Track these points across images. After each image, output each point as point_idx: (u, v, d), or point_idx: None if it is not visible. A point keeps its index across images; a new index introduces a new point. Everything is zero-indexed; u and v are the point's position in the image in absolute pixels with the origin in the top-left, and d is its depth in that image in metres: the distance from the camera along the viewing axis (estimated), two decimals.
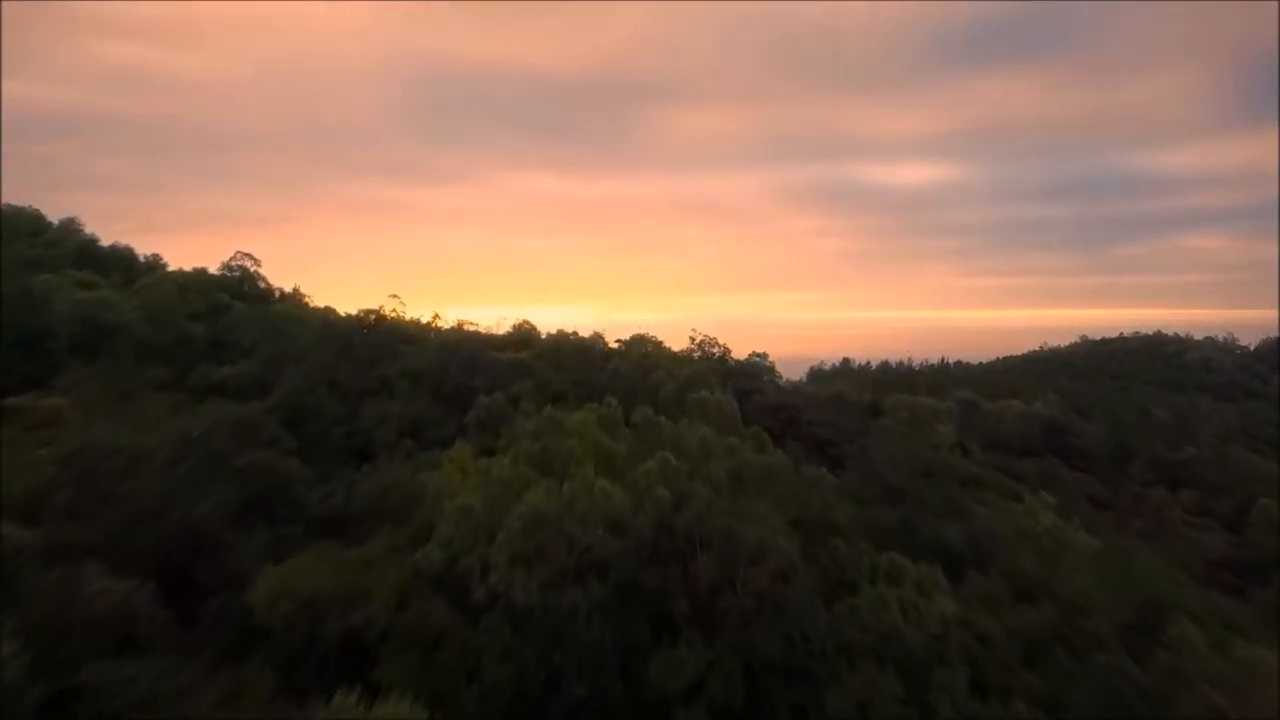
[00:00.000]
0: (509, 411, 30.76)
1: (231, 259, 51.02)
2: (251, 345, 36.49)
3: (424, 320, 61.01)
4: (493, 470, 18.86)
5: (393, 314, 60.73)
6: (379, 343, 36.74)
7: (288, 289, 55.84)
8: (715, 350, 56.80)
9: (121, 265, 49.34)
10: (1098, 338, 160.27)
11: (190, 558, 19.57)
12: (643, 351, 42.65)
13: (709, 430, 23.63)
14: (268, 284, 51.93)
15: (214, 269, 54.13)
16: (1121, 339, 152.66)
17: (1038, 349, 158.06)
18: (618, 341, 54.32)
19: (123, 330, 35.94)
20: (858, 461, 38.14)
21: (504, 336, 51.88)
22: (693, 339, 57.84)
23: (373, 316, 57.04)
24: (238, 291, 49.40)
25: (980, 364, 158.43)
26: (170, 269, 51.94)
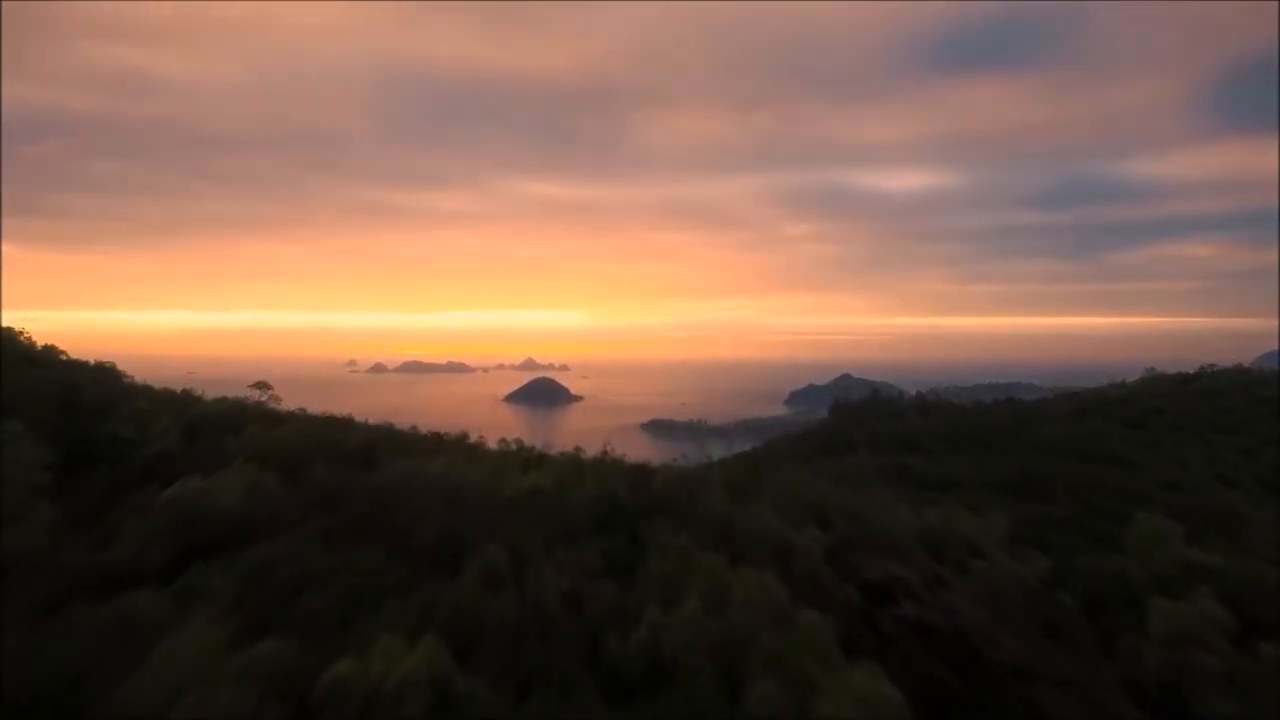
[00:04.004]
0: None
1: None
2: None
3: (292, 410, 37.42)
4: None
5: (257, 404, 37.17)
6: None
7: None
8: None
9: None
10: (1171, 372, 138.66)
11: None
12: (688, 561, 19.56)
13: None
14: None
15: None
16: (1205, 375, 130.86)
17: (1104, 385, 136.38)
18: (645, 474, 31.03)
19: None
20: None
21: (431, 484, 28.39)
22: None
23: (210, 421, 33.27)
24: None
25: (1037, 401, 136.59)
26: None
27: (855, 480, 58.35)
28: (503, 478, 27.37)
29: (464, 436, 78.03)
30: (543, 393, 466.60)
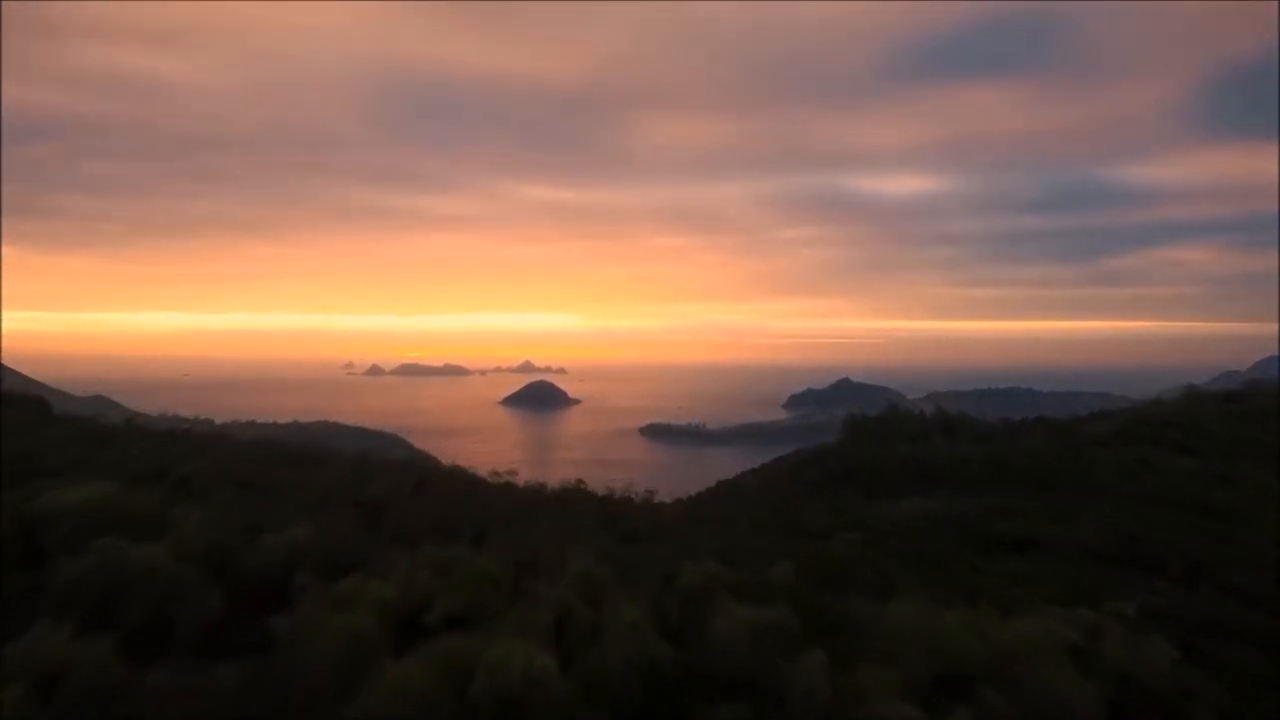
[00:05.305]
0: None
1: None
2: None
3: None
4: None
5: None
6: None
7: None
8: None
9: None
10: (1215, 388, 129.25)
11: None
12: None
13: None
14: None
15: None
16: (1255, 393, 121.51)
17: (1147, 403, 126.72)
18: None
19: None
20: None
21: None
22: None
23: None
24: None
25: (1070, 419, 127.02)
26: None
27: (916, 536, 48.64)
28: (487, 649, 17.57)
29: (455, 469, 68.25)
30: (540, 396, 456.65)
